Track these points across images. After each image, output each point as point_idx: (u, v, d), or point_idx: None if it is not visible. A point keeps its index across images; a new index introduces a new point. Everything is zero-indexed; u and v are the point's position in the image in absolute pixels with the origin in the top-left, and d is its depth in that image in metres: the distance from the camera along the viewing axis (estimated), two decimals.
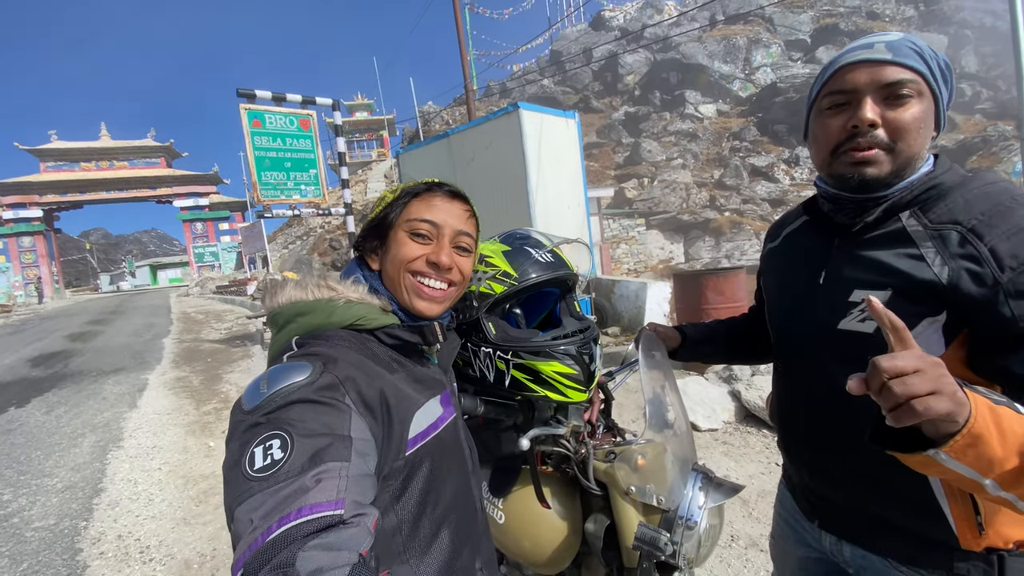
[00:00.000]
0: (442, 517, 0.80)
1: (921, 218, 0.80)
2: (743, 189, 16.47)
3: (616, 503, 1.13)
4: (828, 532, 1.00)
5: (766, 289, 1.13)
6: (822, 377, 0.91)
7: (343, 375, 0.68)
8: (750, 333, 1.28)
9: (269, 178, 7.52)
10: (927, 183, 0.81)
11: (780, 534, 1.18)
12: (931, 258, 0.77)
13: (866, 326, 0.83)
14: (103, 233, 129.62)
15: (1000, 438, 0.58)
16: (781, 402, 1.08)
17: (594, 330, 1.10)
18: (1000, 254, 0.72)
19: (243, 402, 0.66)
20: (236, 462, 0.59)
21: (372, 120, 40.46)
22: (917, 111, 0.78)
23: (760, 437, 3.57)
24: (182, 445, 4.58)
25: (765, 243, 1.16)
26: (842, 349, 0.87)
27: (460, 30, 12.63)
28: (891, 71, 0.78)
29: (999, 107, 17.00)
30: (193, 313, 16.94)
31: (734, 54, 23.05)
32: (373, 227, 0.88)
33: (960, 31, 21.57)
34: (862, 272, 0.84)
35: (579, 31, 32.61)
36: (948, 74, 0.82)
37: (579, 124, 6.89)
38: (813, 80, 0.91)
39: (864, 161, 0.80)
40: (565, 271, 1.09)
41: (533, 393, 1.02)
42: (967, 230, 0.75)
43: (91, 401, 6.32)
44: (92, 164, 35.10)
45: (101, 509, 3.48)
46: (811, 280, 0.93)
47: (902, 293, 0.79)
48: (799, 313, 0.96)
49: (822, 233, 0.94)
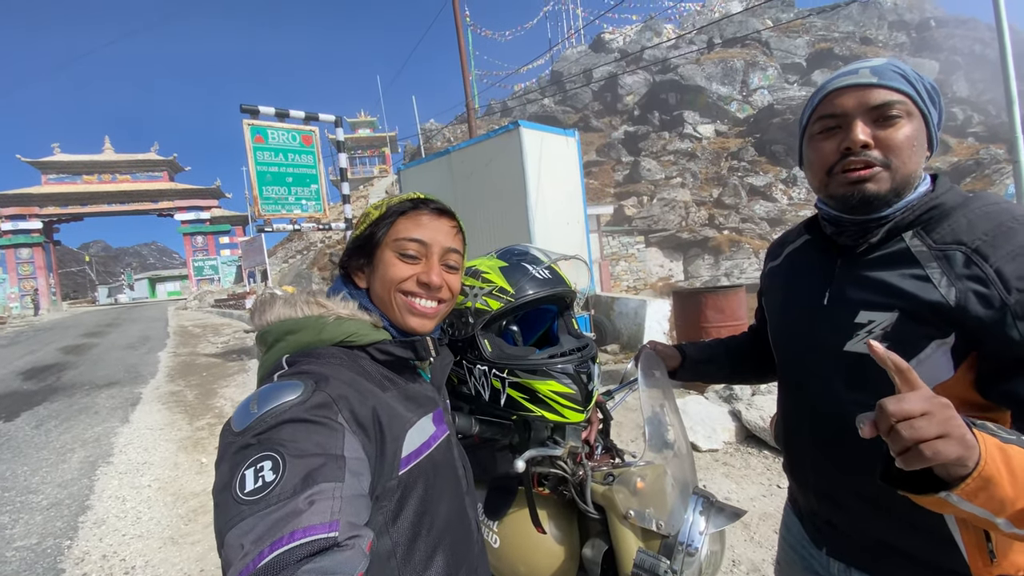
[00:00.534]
0: (437, 539, 0.78)
1: (925, 238, 0.80)
2: (742, 208, 16.57)
3: (614, 527, 1.09)
4: (836, 559, 0.97)
5: (768, 309, 1.11)
6: (828, 400, 0.89)
7: (336, 393, 0.67)
8: (751, 353, 1.26)
9: (270, 192, 7.57)
10: (928, 203, 0.81)
11: (786, 560, 1.14)
12: (937, 279, 0.76)
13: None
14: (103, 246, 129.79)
15: (1011, 478, 0.57)
16: (786, 424, 1.05)
17: (592, 348, 1.07)
18: (1006, 275, 0.72)
19: (232, 423, 0.64)
20: (226, 485, 0.57)
21: (374, 137, 40.88)
22: (908, 130, 0.79)
23: (761, 458, 3.51)
24: (173, 461, 4.50)
25: (766, 262, 1.14)
26: (848, 371, 0.85)
27: (462, 49, 12.84)
28: (878, 93, 0.79)
29: (990, 131, 17.26)
30: (190, 327, 16.86)
31: (732, 76, 23.44)
32: (358, 246, 0.86)
33: (951, 57, 22.02)
34: (868, 293, 0.83)
35: (579, 52, 33.20)
36: (935, 95, 0.83)
37: (579, 143, 6.94)
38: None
39: (862, 179, 0.80)
40: (563, 288, 1.07)
41: (529, 413, 0.99)
42: (972, 250, 0.75)
43: (82, 415, 6.24)
44: (94, 177, 35.26)
45: (87, 527, 3.39)
46: (815, 301, 0.92)
47: (909, 314, 0.78)
48: (803, 334, 0.95)
49: (825, 253, 0.94)
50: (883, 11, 28.64)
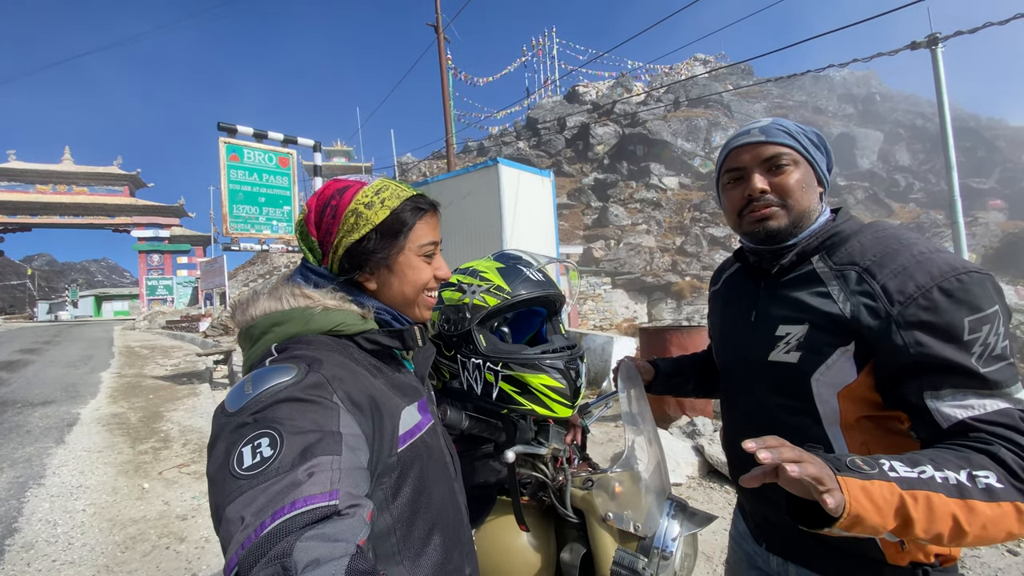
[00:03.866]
0: (434, 519, 0.79)
1: (827, 260, 0.93)
2: (703, 256, 17.29)
3: (593, 530, 1.13)
4: (774, 554, 1.07)
5: (711, 327, 1.25)
6: (757, 406, 1.01)
7: (329, 374, 0.68)
8: (712, 367, 1.36)
9: (241, 211, 7.46)
10: (830, 231, 0.95)
11: (734, 559, 1.24)
12: (836, 295, 0.89)
13: (791, 357, 0.93)
14: (48, 259, 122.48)
15: (876, 510, 0.67)
16: (726, 431, 1.18)
17: (580, 349, 1.14)
18: (890, 290, 0.83)
19: (226, 405, 0.64)
20: (223, 463, 0.57)
21: (349, 167, 40.95)
22: (797, 175, 0.95)
23: (723, 493, 3.58)
24: (112, 486, 4.20)
25: (710, 287, 1.29)
26: (772, 379, 0.97)
27: (444, 85, 13.23)
28: (767, 148, 0.96)
29: (929, 197, 18.78)
30: (138, 347, 15.96)
31: (695, 134, 24.89)
32: (370, 251, 0.82)
33: (894, 129, 24.09)
34: (785, 310, 0.96)
35: (554, 102, 34.63)
36: (820, 142, 0.99)
37: (553, 183, 7.20)
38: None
39: (764, 217, 0.96)
40: (554, 290, 1.14)
41: (520, 406, 1.03)
42: (863, 270, 0.87)
43: (13, 434, 5.77)
44: (49, 187, 33.70)
45: (14, 551, 3.12)
46: (745, 319, 1.06)
47: (816, 326, 0.90)
48: (737, 348, 1.08)
49: (751, 277, 1.08)
50: (833, 84, 31.32)
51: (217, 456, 0.59)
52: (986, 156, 20.79)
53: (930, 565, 0.88)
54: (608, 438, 4.40)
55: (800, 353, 0.91)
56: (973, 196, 17.60)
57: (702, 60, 37.31)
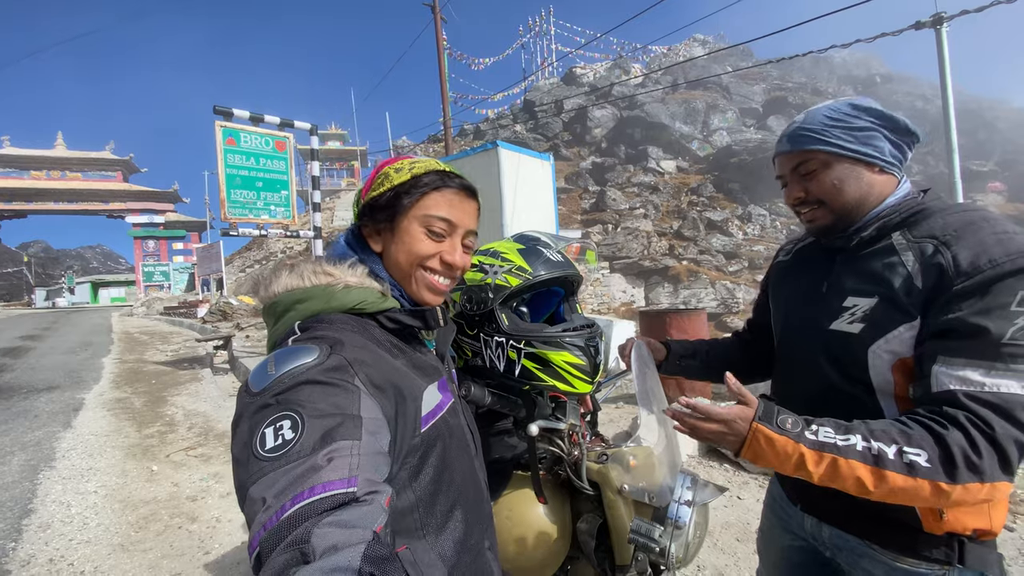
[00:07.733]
0: (456, 496, 0.81)
1: (907, 234, 0.94)
2: (700, 240, 17.27)
3: (608, 501, 1.18)
4: (809, 515, 1.09)
5: (773, 296, 1.26)
6: (816, 375, 1.02)
7: (351, 357, 0.68)
8: (729, 356, 1.38)
9: (238, 196, 7.39)
10: (915, 208, 0.94)
11: (767, 526, 1.27)
12: (910, 265, 0.90)
13: (853, 327, 0.95)
14: (44, 246, 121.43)
15: (775, 456, 0.84)
16: (778, 393, 1.19)
17: (599, 327, 1.17)
18: (960, 261, 0.83)
19: (250, 385, 0.66)
20: (247, 443, 0.59)
21: (344, 150, 40.55)
22: (827, 177, 0.98)
23: (722, 471, 3.66)
24: (121, 468, 4.27)
25: (776, 256, 1.30)
26: (830, 348, 0.99)
27: (441, 65, 13.07)
28: (793, 158, 1.01)
29: (929, 180, 18.75)
30: (137, 333, 15.99)
31: (693, 116, 24.68)
32: (379, 207, 0.85)
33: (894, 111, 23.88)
34: (857, 282, 0.97)
35: (552, 84, 34.19)
36: (865, 122, 0.95)
37: (553, 166, 7.19)
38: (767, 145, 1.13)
39: (810, 220, 1.03)
40: (573, 271, 1.18)
41: (541, 382, 1.07)
42: (940, 242, 0.87)
43: (21, 419, 5.82)
44: (43, 173, 33.39)
45: (31, 531, 3.19)
46: (815, 289, 1.07)
47: (885, 299, 0.91)
48: (803, 318, 1.08)
49: (827, 251, 1.09)
50: (833, 66, 31.01)
51: (241, 435, 0.61)
52: (987, 138, 20.73)
53: (967, 537, 0.89)
54: (610, 419, 4.47)
55: (863, 325, 0.93)
56: (973, 178, 17.59)
57: (701, 41, 36.82)
